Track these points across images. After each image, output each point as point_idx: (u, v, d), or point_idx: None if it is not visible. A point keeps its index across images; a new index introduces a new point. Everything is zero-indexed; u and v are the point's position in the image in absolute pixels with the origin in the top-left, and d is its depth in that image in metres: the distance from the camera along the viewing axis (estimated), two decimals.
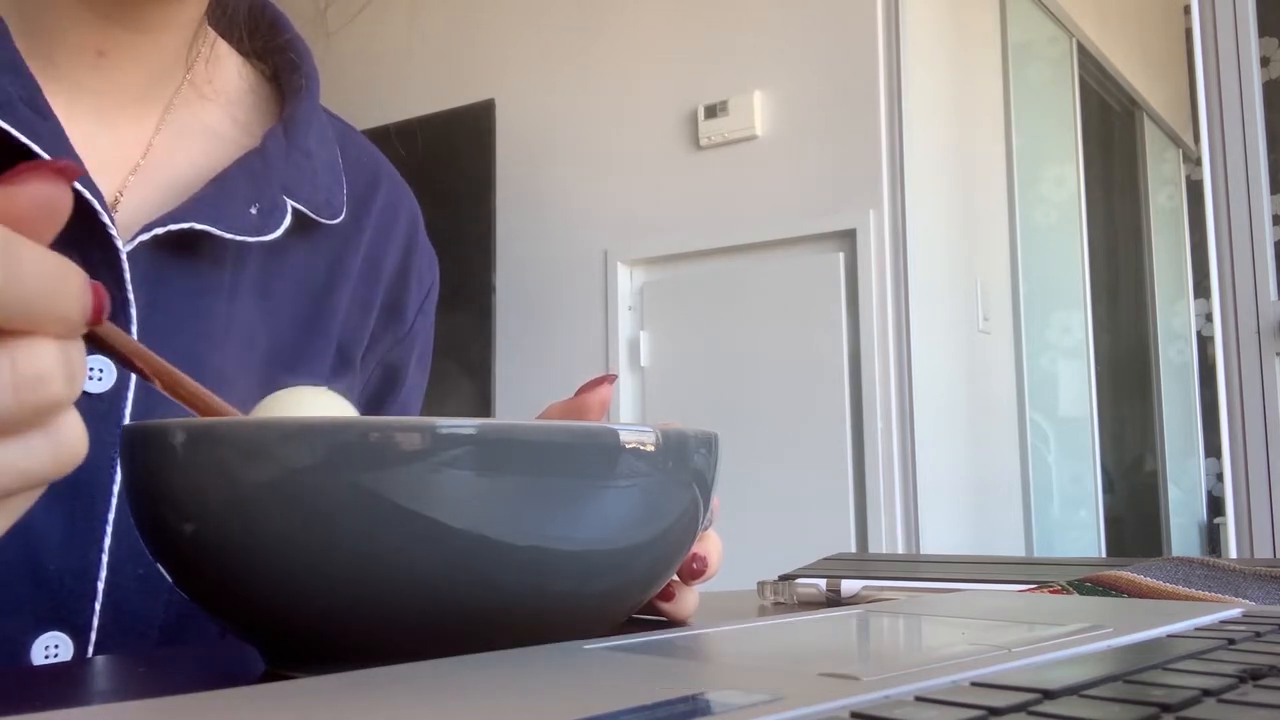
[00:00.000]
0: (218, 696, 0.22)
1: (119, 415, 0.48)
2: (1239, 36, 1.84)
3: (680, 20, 2.55)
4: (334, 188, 0.60)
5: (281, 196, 0.55)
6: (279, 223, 0.55)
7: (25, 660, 0.46)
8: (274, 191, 0.55)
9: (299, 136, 0.58)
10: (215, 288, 0.54)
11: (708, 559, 0.45)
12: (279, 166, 0.56)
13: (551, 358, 2.67)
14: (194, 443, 0.31)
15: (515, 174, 2.73)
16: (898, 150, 2.25)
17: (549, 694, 0.23)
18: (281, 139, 0.57)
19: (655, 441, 0.33)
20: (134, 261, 0.49)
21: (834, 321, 2.26)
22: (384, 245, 0.64)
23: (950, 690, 0.23)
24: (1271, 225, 1.81)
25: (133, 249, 0.49)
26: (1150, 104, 3.82)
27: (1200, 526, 4.00)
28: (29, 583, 0.46)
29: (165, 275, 0.51)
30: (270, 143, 0.57)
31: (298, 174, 0.57)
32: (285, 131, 0.58)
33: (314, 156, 0.59)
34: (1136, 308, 3.84)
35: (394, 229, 0.65)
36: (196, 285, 0.53)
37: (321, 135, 0.61)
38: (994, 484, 2.54)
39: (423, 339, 0.68)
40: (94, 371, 0.48)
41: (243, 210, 0.53)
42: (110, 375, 0.49)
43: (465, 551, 0.30)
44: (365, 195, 0.63)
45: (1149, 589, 0.48)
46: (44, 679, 0.36)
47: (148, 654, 0.45)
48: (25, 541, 0.46)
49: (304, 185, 0.57)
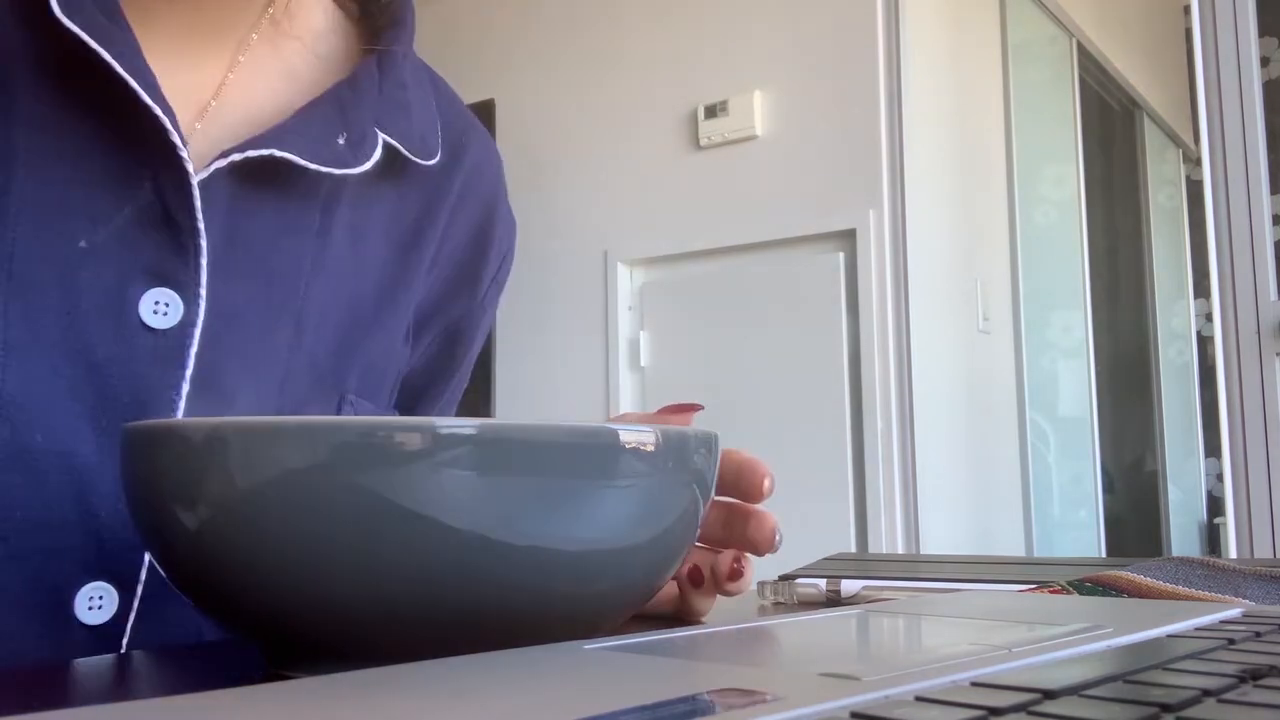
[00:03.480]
0: (218, 696, 0.22)
1: (184, 355, 0.46)
2: (1239, 36, 1.84)
3: (680, 20, 2.55)
4: (429, 126, 0.56)
5: (372, 128, 0.52)
6: (369, 155, 0.51)
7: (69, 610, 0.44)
8: (365, 122, 0.52)
9: (393, 69, 0.54)
10: (303, 227, 0.51)
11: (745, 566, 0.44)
12: (371, 98, 0.53)
13: (551, 358, 2.67)
14: (194, 443, 0.31)
15: (515, 174, 2.73)
16: (898, 150, 2.25)
17: (549, 694, 0.23)
18: (374, 71, 0.54)
19: (655, 441, 0.33)
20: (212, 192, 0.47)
21: (834, 321, 2.26)
22: (467, 204, 0.60)
23: (950, 690, 0.23)
24: (1271, 225, 1.81)
25: (210, 178, 0.47)
26: (1150, 104, 3.82)
27: (1200, 526, 3.99)
28: (78, 529, 0.44)
29: (247, 209, 0.49)
30: (362, 74, 0.53)
31: (391, 107, 0.53)
32: (379, 64, 0.54)
33: (409, 91, 0.55)
34: (1136, 308, 3.84)
35: (481, 187, 0.62)
36: (282, 223, 0.50)
37: (418, 76, 0.57)
38: (994, 484, 2.54)
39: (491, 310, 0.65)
40: (159, 305, 0.46)
41: (330, 140, 0.50)
42: (177, 311, 0.46)
43: (465, 551, 0.30)
44: (457, 147, 0.60)
45: (1149, 589, 0.48)
46: (44, 679, 0.36)
47: (148, 654, 0.45)
48: (78, 486, 0.44)
49: (398, 119, 0.53)
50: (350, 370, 0.54)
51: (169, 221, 0.46)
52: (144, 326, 0.46)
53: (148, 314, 0.46)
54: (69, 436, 0.44)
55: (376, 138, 0.52)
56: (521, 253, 3.02)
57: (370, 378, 0.55)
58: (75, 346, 0.45)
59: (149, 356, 0.46)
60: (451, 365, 0.63)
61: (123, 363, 0.45)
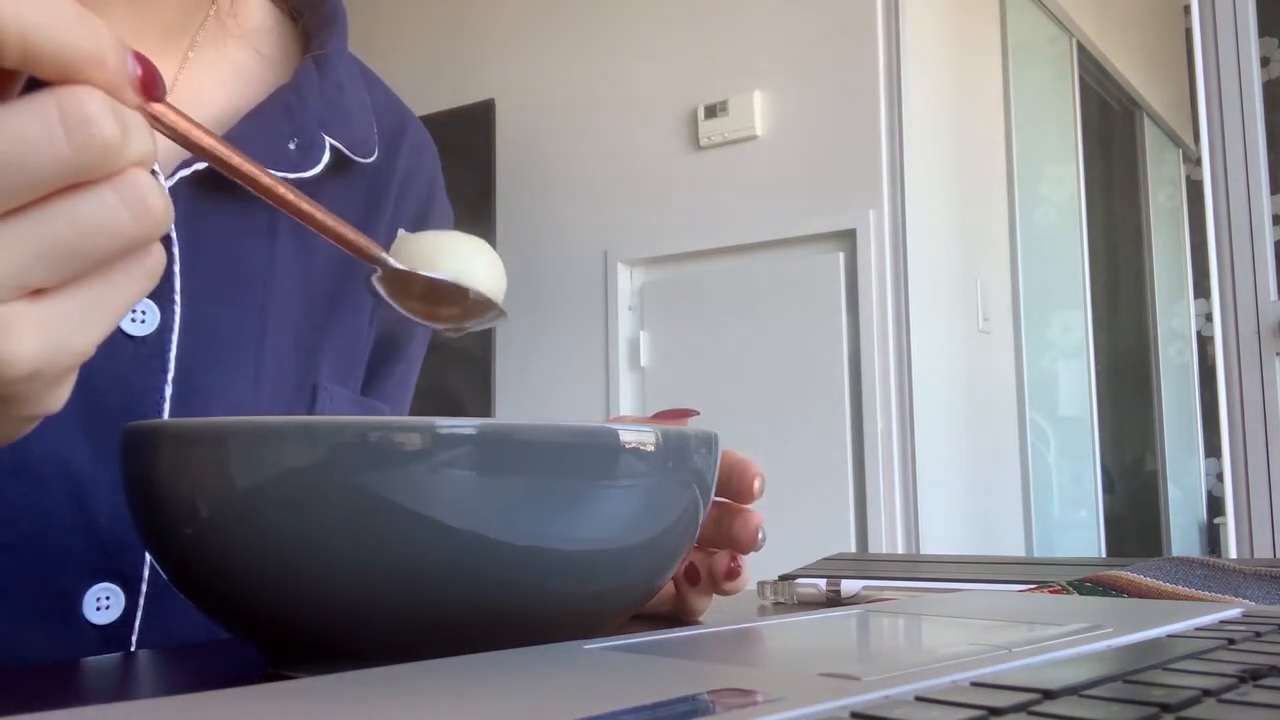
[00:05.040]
0: (218, 696, 0.22)
1: (165, 360, 0.48)
2: (1239, 36, 1.84)
3: (680, 20, 2.55)
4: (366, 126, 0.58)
5: (319, 132, 0.54)
6: (318, 159, 0.53)
7: (78, 612, 0.46)
8: (312, 127, 0.53)
9: (330, 71, 0.56)
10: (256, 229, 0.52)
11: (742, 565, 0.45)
12: (314, 102, 0.54)
13: (551, 357, 2.67)
14: (194, 443, 0.31)
15: (515, 174, 2.73)
16: (898, 150, 2.25)
17: (549, 694, 0.23)
18: (314, 74, 0.55)
19: (655, 441, 0.33)
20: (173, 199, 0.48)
21: (834, 321, 2.26)
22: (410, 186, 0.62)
23: (950, 690, 0.23)
24: (1271, 225, 1.81)
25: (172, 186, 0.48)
26: (1150, 104, 3.82)
27: (1200, 526, 3.99)
28: (79, 533, 0.46)
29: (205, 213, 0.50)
30: (303, 78, 0.55)
31: (332, 110, 0.55)
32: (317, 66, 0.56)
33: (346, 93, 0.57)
34: (1136, 308, 3.84)
35: (420, 170, 0.63)
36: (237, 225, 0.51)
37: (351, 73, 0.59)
38: (994, 484, 2.54)
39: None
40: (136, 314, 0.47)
41: (281, 146, 0.51)
42: (154, 318, 0.48)
43: (465, 551, 0.30)
44: (394, 138, 0.61)
45: (1149, 589, 0.48)
46: (44, 678, 0.36)
47: (148, 654, 0.45)
48: (76, 492, 0.46)
49: (339, 122, 0.55)
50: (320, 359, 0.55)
51: None
52: (125, 335, 0.47)
53: (127, 322, 0.47)
54: (64, 446, 0.46)
55: (324, 141, 0.54)
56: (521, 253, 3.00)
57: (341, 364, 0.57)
58: None
59: (132, 363, 0.47)
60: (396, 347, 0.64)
61: (108, 371, 0.46)
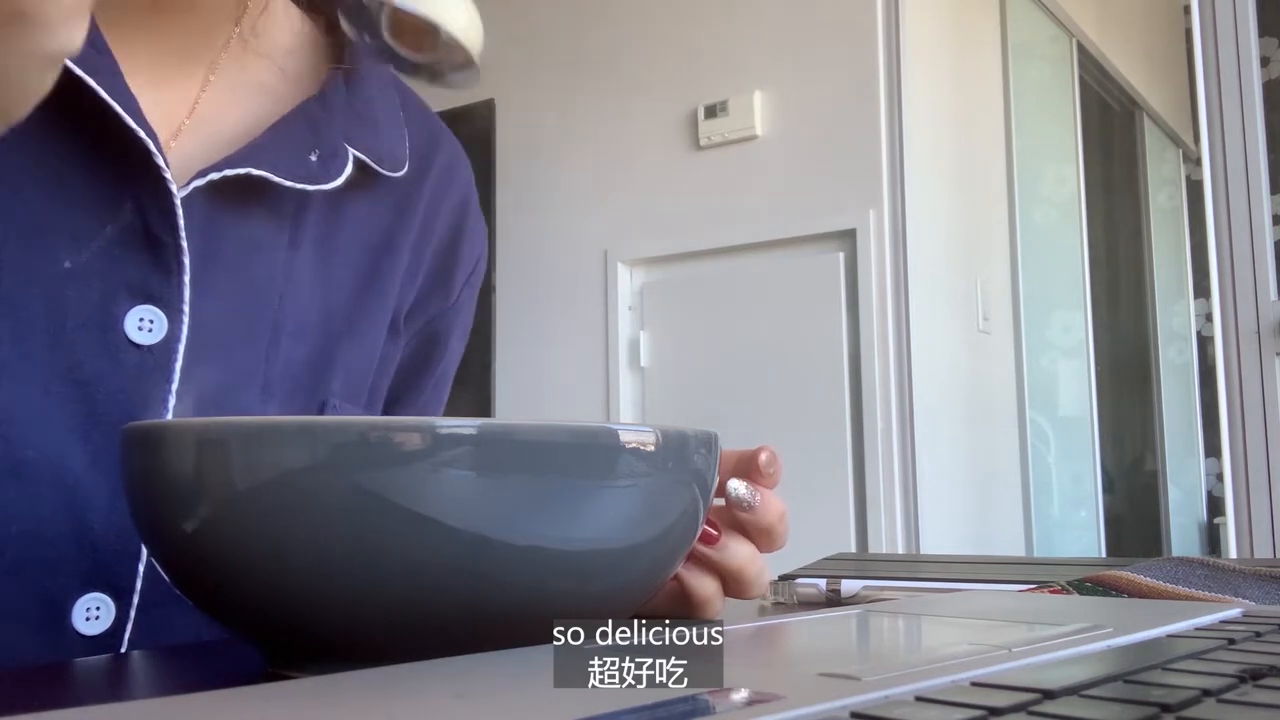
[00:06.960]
0: (218, 696, 0.22)
1: (170, 370, 0.47)
2: (1239, 36, 1.84)
3: (680, 20, 2.55)
4: (396, 139, 0.57)
5: (342, 144, 0.53)
6: (340, 170, 0.52)
7: (67, 622, 0.45)
8: (335, 138, 0.53)
9: (360, 84, 0.56)
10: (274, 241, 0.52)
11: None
12: (340, 113, 0.54)
13: (551, 358, 2.67)
14: (194, 443, 0.31)
15: (515, 174, 2.73)
16: (898, 150, 2.24)
17: (549, 694, 0.23)
18: (342, 86, 0.55)
19: (655, 441, 0.33)
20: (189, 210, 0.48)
21: (834, 321, 2.26)
22: (440, 207, 0.61)
23: (950, 690, 0.23)
24: (1271, 225, 1.81)
25: (188, 196, 0.48)
26: (1150, 104, 3.82)
27: (1200, 526, 3.99)
28: (72, 541, 0.45)
29: (220, 226, 0.50)
30: (331, 90, 0.54)
31: (359, 122, 0.55)
32: (346, 79, 0.55)
33: (376, 105, 0.56)
34: (1136, 308, 3.84)
35: (451, 191, 0.63)
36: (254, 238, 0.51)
37: (383, 86, 0.58)
38: (994, 484, 2.54)
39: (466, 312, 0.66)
40: (144, 323, 0.47)
41: (302, 157, 0.51)
42: (161, 327, 0.47)
43: (465, 551, 0.30)
44: (426, 153, 0.61)
45: (1149, 589, 0.48)
46: (44, 678, 0.36)
47: (147, 654, 0.45)
48: (71, 499, 0.45)
49: (366, 134, 0.55)
50: (331, 376, 0.55)
51: (151, 240, 0.47)
52: (130, 343, 0.47)
53: (133, 331, 0.47)
54: (60, 451, 0.45)
55: (347, 153, 0.53)
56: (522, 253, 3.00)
57: (351, 382, 0.56)
58: (63, 364, 0.46)
59: (135, 372, 0.47)
60: (427, 368, 0.64)
61: (110, 379, 0.46)
